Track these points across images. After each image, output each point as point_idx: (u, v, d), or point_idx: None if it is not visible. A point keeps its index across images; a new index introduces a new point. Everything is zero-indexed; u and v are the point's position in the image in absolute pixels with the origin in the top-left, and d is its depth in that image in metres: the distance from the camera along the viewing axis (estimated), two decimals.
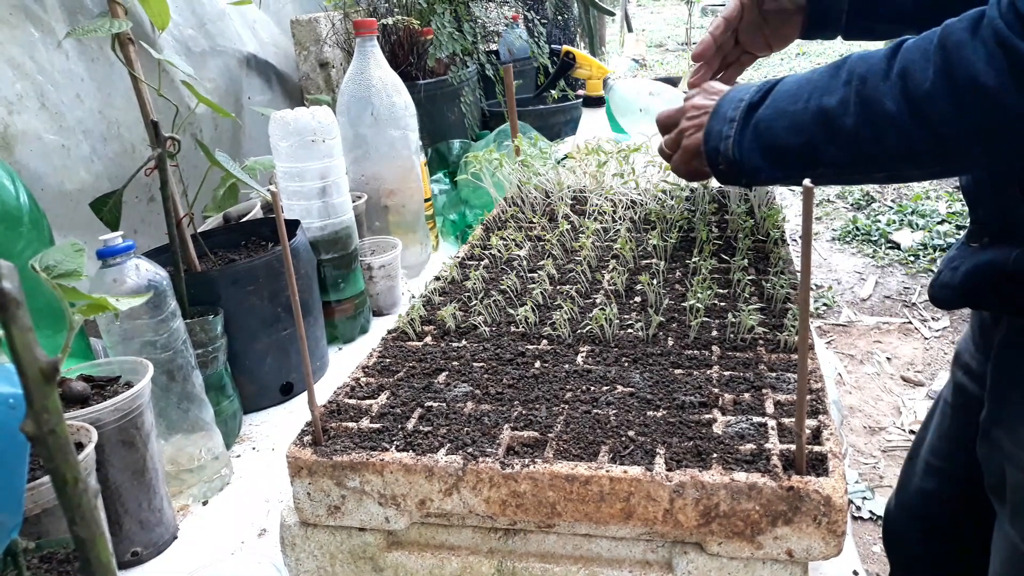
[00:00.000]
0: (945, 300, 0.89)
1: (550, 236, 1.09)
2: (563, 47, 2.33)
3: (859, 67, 0.72)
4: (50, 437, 0.26)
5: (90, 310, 0.60)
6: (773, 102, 0.79)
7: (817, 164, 0.76)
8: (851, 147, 0.72)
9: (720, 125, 0.83)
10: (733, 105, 0.83)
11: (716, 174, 0.87)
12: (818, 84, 0.75)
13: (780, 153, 0.78)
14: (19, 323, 0.24)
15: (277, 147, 1.24)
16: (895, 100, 0.68)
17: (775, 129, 0.78)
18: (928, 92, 0.65)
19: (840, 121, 0.72)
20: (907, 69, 0.67)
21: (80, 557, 0.29)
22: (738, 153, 0.81)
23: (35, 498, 0.70)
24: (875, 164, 0.72)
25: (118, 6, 0.97)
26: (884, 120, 0.69)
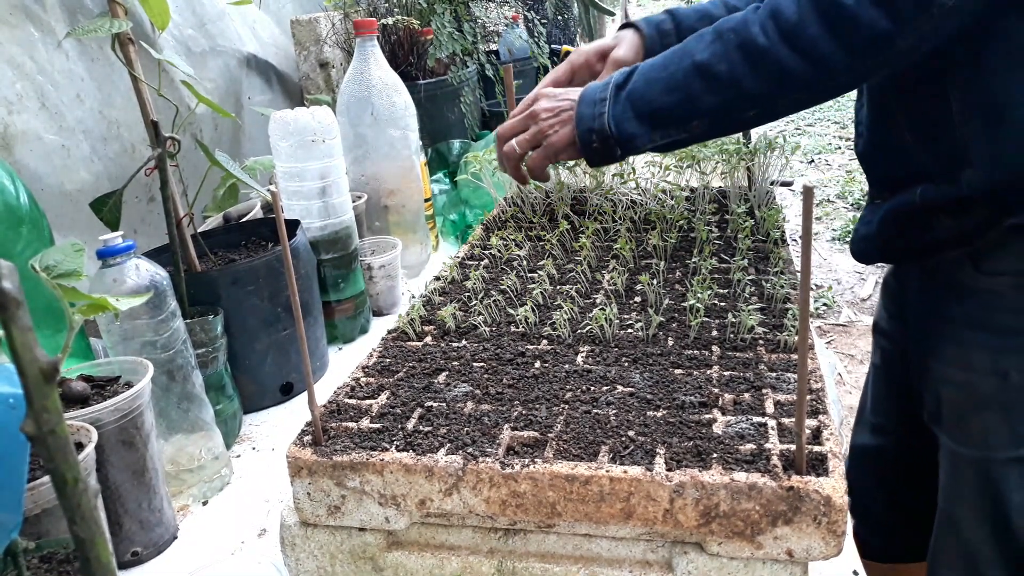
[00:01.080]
0: (866, 252, 0.99)
1: (550, 236, 1.09)
2: (563, 47, 2.33)
3: (725, 24, 0.83)
4: (50, 437, 0.26)
5: (90, 310, 0.60)
6: (641, 75, 0.89)
7: (693, 116, 0.86)
8: (728, 89, 0.82)
9: (590, 108, 0.91)
10: (599, 89, 0.91)
11: (588, 154, 0.94)
12: (684, 50, 0.86)
13: (655, 114, 0.87)
14: (19, 323, 0.24)
15: (277, 147, 1.24)
16: (767, 35, 0.79)
17: (648, 95, 0.87)
18: (797, 21, 0.77)
19: (715, 69, 0.82)
20: (775, 9, 0.79)
21: (80, 557, 0.29)
22: (613, 125, 0.89)
23: (35, 498, 0.70)
24: (751, 101, 0.83)
25: (118, 6, 0.97)
26: (759, 55, 0.80)
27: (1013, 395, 0.88)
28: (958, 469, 0.95)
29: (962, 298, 0.90)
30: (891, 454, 1.18)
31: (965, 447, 0.93)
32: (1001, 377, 0.88)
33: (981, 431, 0.90)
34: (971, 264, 0.88)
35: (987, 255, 0.87)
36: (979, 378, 0.89)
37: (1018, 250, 0.85)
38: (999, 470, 0.90)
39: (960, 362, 0.91)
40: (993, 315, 0.88)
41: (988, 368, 0.88)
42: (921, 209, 0.89)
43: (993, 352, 0.88)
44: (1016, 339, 0.87)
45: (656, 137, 0.89)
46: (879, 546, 1.21)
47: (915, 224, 0.91)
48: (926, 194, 0.88)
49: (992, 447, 0.90)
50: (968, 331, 0.90)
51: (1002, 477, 0.90)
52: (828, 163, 5.06)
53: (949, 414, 0.94)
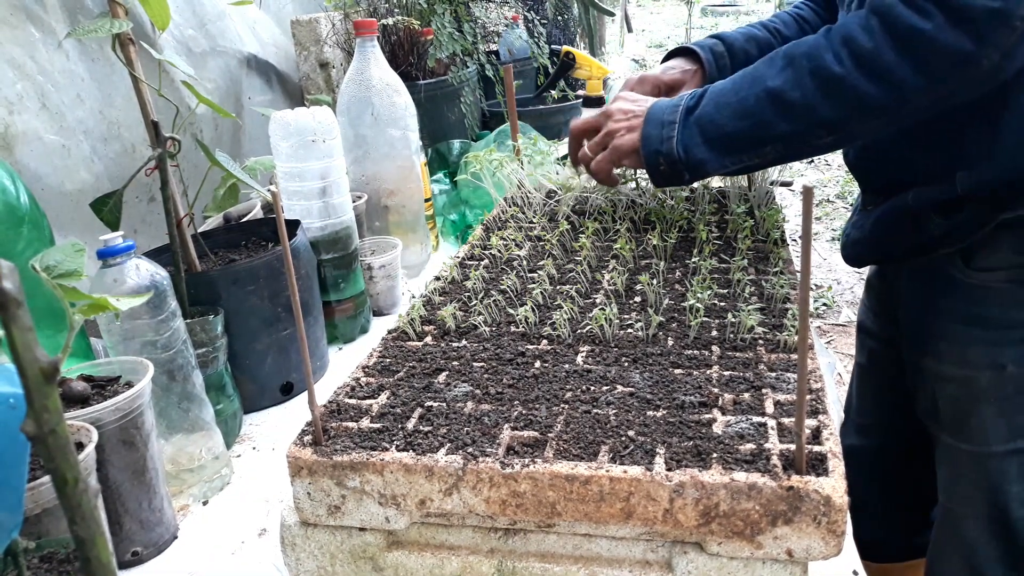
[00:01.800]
0: (858, 256, 1.00)
1: (550, 236, 1.09)
2: (563, 47, 2.33)
3: (797, 50, 0.83)
4: (50, 437, 0.26)
5: (90, 310, 0.60)
6: (711, 100, 0.88)
7: (765, 142, 0.85)
8: (802, 116, 0.82)
9: (657, 129, 0.91)
10: (668, 110, 0.91)
11: (654, 175, 0.94)
12: (756, 75, 0.85)
13: (727, 140, 0.87)
14: (19, 323, 0.24)
15: (277, 147, 1.24)
16: (842, 63, 0.78)
17: (718, 120, 0.87)
18: (872, 49, 0.76)
19: (788, 96, 0.82)
20: (848, 36, 0.78)
21: (80, 557, 0.29)
22: (681, 150, 0.89)
23: (35, 498, 0.70)
24: (826, 128, 0.82)
25: (118, 6, 0.97)
26: (834, 82, 0.79)
27: (1010, 388, 0.88)
28: (957, 465, 0.95)
29: (955, 294, 0.91)
30: (879, 453, 1.19)
31: (963, 442, 0.93)
32: (998, 370, 0.88)
33: (979, 425, 0.91)
34: (963, 261, 0.89)
35: (978, 251, 0.88)
36: (975, 373, 0.90)
37: (1009, 245, 0.86)
38: (998, 463, 0.91)
39: (955, 358, 0.92)
40: (987, 310, 0.88)
41: (984, 362, 0.89)
42: (914, 211, 0.90)
43: (989, 346, 0.89)
44: (1011, 332, 0.88)
45: (727, 163, 0.88)
46: (874, 546, 1.21)
47: (908, 226, 0.92)
48: (919, 196, 0.89)
49: (990, 440, 0.90)
50: (962, 327, 0.90)
51: (1001, 469, 0.91)
52: (828, 163, 5.06)
53: (946, 410, 0.95)
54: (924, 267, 0.95)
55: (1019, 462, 0.90)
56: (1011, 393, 0.88)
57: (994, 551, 0.93)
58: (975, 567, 0.94)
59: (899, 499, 1.19)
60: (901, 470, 1.16)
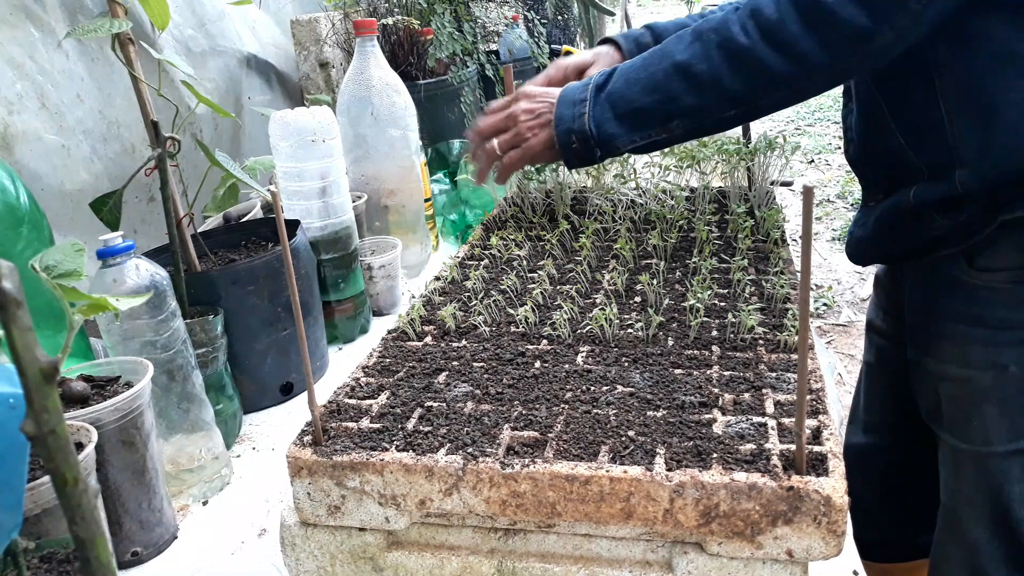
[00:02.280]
0: (860, 254, 1.00)
1: (550, 236, 1.09)
2: (563, 47, 2.33)
3: (705, 25, 0.84)
4: (50, 437, 0.26)
5: (90, 310, 0.60)
6: (620, 75, 0.89)
7: (673, 116, 0.86)
8: (708, 89, 0.83)
9: (569, 109, 0.92)
10: (579, 90, 0.92)
11: (568, 155, 0.94)
12: (664, 50, 0.86)
13: (635, 114, 0.88)
14: (19, 323, 0.24)
15: (277, 147, 1.24)
16: (748, 35, 0.79)
17: (628, 95, 0.88)
18: (777, 20, 0.78)
19: (695, 68, 0.83)
20: (755, 8, 0.79)
21: (80, 557, 0.29)
22: (593, 126, 0.89)
23: (35, 498, 0.70)
24: (731, 101, 0.83)
25: (118, 6, 0.97)
26: (740, 54, 0.80)
27: (1011, 388, 0.88)
28: (959, 465, 0.95)
29: (957, 294, 0.91)
30: (886, 452, 1.18)
31: (965, 443, 0.93)
32: (999, 371, 0.88)
33: (981, 426, 0.91)
34: (965, 261, 0.89)
35: (981, 251, 0.88)
36: (977, 373, 0.90)
37: (1012, 245, 0.86)
38: (999, 463, 0.90)
39: (957, 358, 0.92)
40: (989, 310, 0.88)
41: (986, 363, 0.89)
42: (915, 209, 0.90)
43: (990, 347, 0.89)
44: (1013, 333, 0.87)
45: (636, 137, 0.89)
46: (877, 546, 1.21)
47: (909, 224, 0.92)
48: (919, 195, 0.89)
49: (992, 441, 0.90)
50: (964, 327, 0.90)
51: (1003, 470, 0.90)
52: (828, 163, 5.06)
53: (948, 411, 0.95)
54: (927, 267, 0.95)
55: (1021, 463, 0.90)
56: (1013, 394, 0.88)
57: (997, 551, 0.93)
58: (978, 568, 0.94)
59: (904, 499, 1.18)
60: (907, 470, 1.16)
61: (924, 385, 0.98)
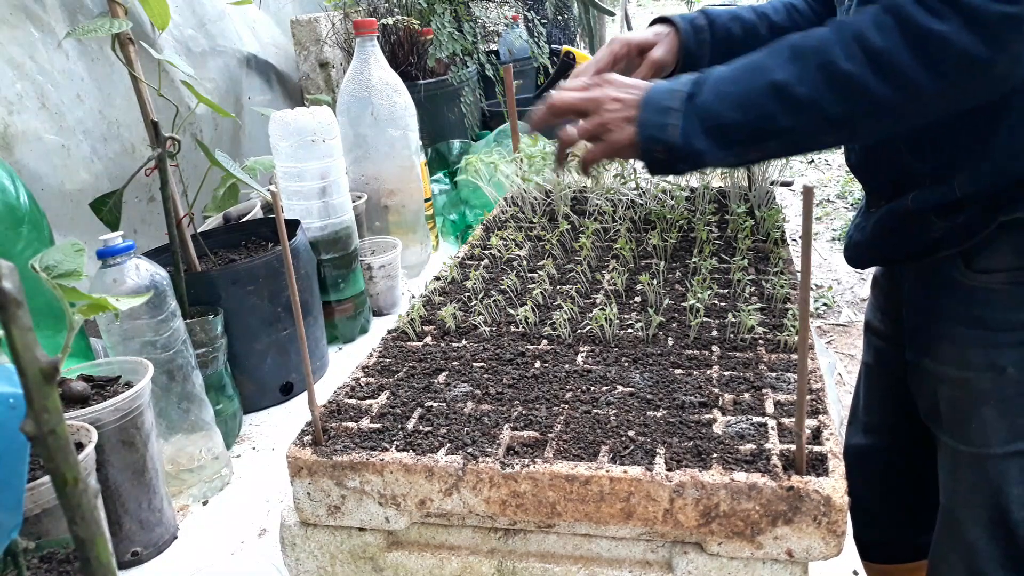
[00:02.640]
0: (859, 257, 1.00)
1: (550, 236, 1.09)
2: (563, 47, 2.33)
3: (804, 43, 0.80)
4: (50, 437, 0.26)
5: (90, 310, 0.60)
6: (711, 89, 0.84)
7: (768, 136, 0.82)
8: (807, 112, 0.79)
9: (656, 116, 0.87)
10: (667, 96, 0.87)
11: (649, 161, 0.89)
12: (759, 66, 0.82)
13: (727, 131, 0.83)
14: (19, 323, 0.24)
15: (277, 147, 1.24)
16: (853, 60, 0.76)
17: (719, 110, 0.83)
18: (885, 48, 0.74)
19: (794, 91, 0.79)
20: (860, 33, 0.76)
21: (80, 557, 0.29)
22: (681, 139, 0.85)
23: (35, 498, 0.70)
24: (832, 125, 0.80)
25: (118, 6, 0.97)
26: (844, 80, 0.76)
27: (1010, 390, 0.88)
28: (958, 466, 0.95)
29: (956, 296, 0.91)
30: (885, 453, 1.18)
31: (964, 444, 0.93)
32: (998, 373, 0.88)
33: (979, 427, 0.91)
34: (963, 262, 0.89)
35: (979, 253, 0.87)
36: (976, 375, 0.90)
37: (1009, 247, 0.86)
38: (998, 465, 0.90)
39: (956, 360, 0.92)
40: (987, 311, 0.88)
41: (984, 364, 0.89)
42: (913, 213, 0.90)
43: (989, 348, 0.88)
44: (1012, 334, 0.87)
45: (726, 155, 0.85)
46: (877, 546, 1.21)
47: (907, 227, 0.92)
48: (919, 199, 0.89)
49: (991, 443, 0.90)
50: (963, 328, 0.90)
51: (1001, 472, 0.90)
52: (828, 163, 5.06)
53: (947, 412, 0.95)
54: (926, 268, 0.95)
55: (1020, 464, 0.90)
56: (1012, 395, 0.88)
57: (994, 553, 0.93)
58: (976, 570, 0.94)
59: (904, 500, 1.18)
60: (906, 470, 1.16)
61: (923, 386, 0.98)
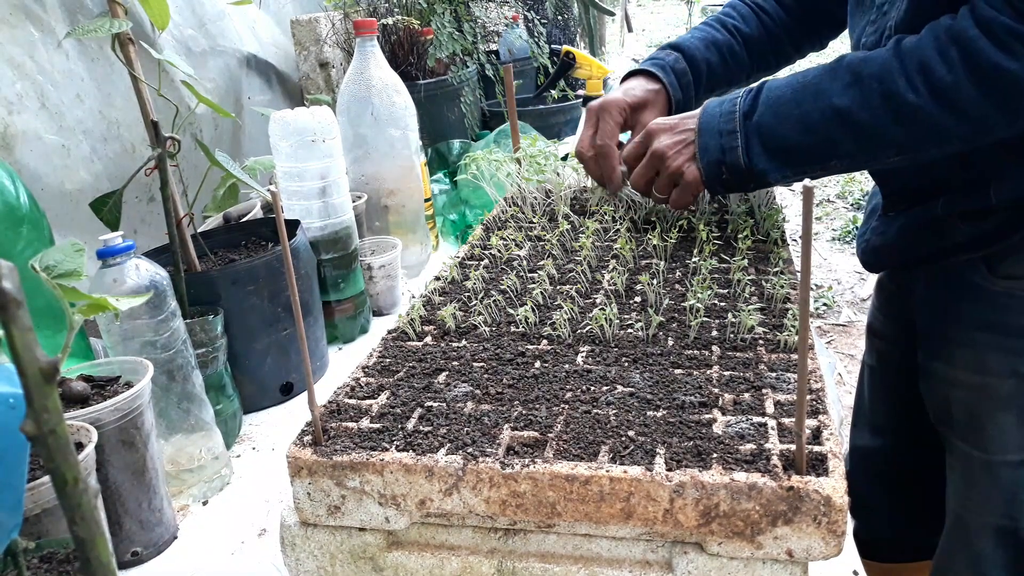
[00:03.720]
0: (879, 262, 1.00)
1: (550, 236, 1.09)
2: (563, 47, 2.33)
3: (865, 68, 0.79)
4: (50, 437, 0.26)
5: (90, 310, 0.60)
6: (769, 107, 0.86)
7: (831, 158, 0.84)
8: (870, 138, 0.80)
9: (716, 140, 0.89)
10: (724, 119, 0.89)
11: (716, 185, 0.92)
12: (819, 88, 0.82)
13: (790, 152, 0.85)
14: (19, 323, 0.24)
15: (277, 147, 1.24)
16: (917, 92, 0.76)
17: (780, 131, 0.84)
18: (952, 82, 0.74)
19: (857, 117, 0.79)
20: (925, 64, 0.75)
21: (80, 557, 0.29)
22: (746, 158, 0.87)
23: (35, 498, 0.70)
24: (894, 149, 0.81)
25: (118, 6, 0.97)
26: (908, 110, 0.77)
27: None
28: (970, 471, 0.94)
29: (975, 301, 0.90)
30: (891, 454, 1.18)
31: (978, 449, 0.92)
32: (1018, 379, 0.87)
33: (996, 434, 0.90)
34: (986, 267, 0.88)
35: (1004, 258, 0.86)
36: (995, 381, 0.89)
37: None
38: (1013, 472, 0.90)
39: (972, 365, 0.91)
40: (1010, 317, 0.87)
41: (1005, 370, 0.88)
42: (941, 218, 0.89)
43: (1009, 354, 0.88)
44: None
45: (788, 173, 0.87)
46: (880, 546, 1.21)
47: (932, 232, 0.91)
48: (949, 205, 0.88)
49: (1007, 449, 0.89)
50: (981, 333, 0.89)
51: (1016, 479, 0.90)
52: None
53: (960, 417, 0.94)
54: (942, 272, 0.94)
55: None
56: None
57: (1001, 559, 0.92)
58: (981, 573, 0.94)
59: (908, 500, 1.18)
60: (911, 471, 1.15)
61: (934, 390, 0.97)
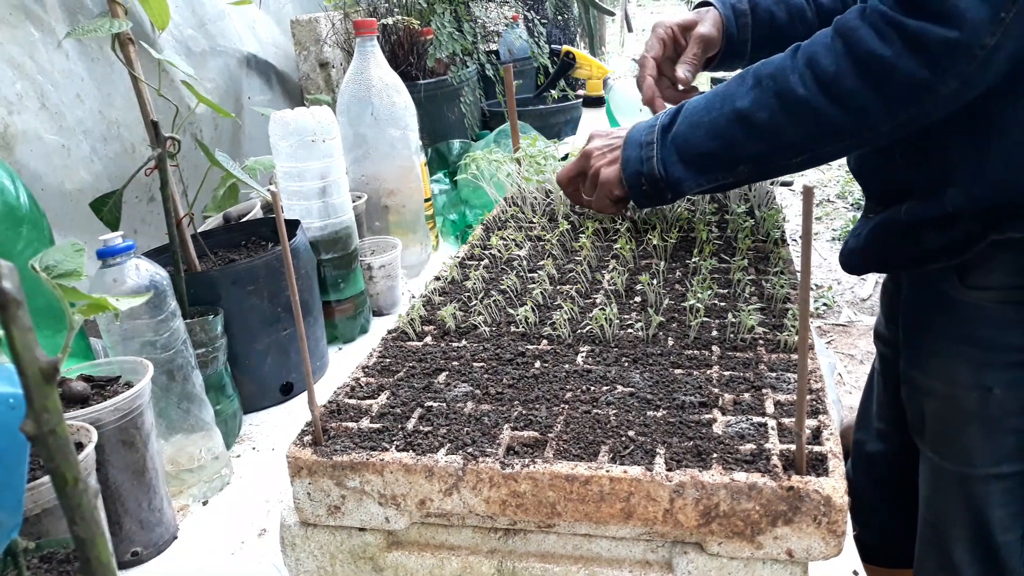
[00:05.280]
0: (854, 265, 1.00)
1: (550, 236, 1.09)
2: (563, 47, 2.33)
3: (764, 69, 0.82)
4: (50, 437, 0.26)
5: (90, 310, 0.60)
6: (685, 118, 0.88)
7: (738, 162, 0.85)
8: (769, 138, 0.82)
9: (636, 151, 0.92)
10: (645, 132, 0.92)
11: (637, 196, 0.95)
12: (726, 93, 0.85)
13: (701, 159, 0.87)
14: (19, 323, 0.24)
15: (277, 147, 1.24)
16: (806, 86, 0.77)
17: (692, 139, 0.87)
18: (835, 73, 0.76)
19: (755, 117, 0.81)
20: (812, 58, 0.77)
21: (80, 557, 0.29)
22: (662, 168, 0.89)
23: (35, 498, 0.70)
24: (793, 149, 0.82)
25: (118, 6, 0.97)
26: (798, 105, 0.78)
27: (995, 411, 0.87)
28: (940, 482, 0.95)
29: (947, 311, 0.90)
30: (893, 460, 1.18)
31: (948, 461, 0.92)
32: (984, 392, 0.87)
33: (964, 446, 0.90)
34: (957, 277, 0.88)
35: (973, 269, 0.86)
36: (962, 393, 0.89)
37: (1004, 265, 0.84)
38: (981, 486, 0.89)
39: (943, 376, 0.91)
40: (977, 329, 0.87)
41: (971, 383, 0.88)
42: (907, 224, 0.89)
43: (977, 367, 0.87)
44: (1000, 354, 0.86)
45: (703, 181, 0.88)
46: (882, 550, 1.21)
47: (902, 238, 0.91)
48: (911, 210, 0.89)
49: (974, 463, 0.89)
50: (952, 344, 0.89)
51: (984, 493, 0.89)
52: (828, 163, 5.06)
53: (932, 427, 0.94)
54: (922, 281, 0.94)
55: (1002, 487, 0.89)
56: (997, 416, 0.87)
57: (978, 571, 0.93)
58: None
59: (910, 506, 1.18)
60: (912, 477, 1.16)
61: (912, 398, 0.98)
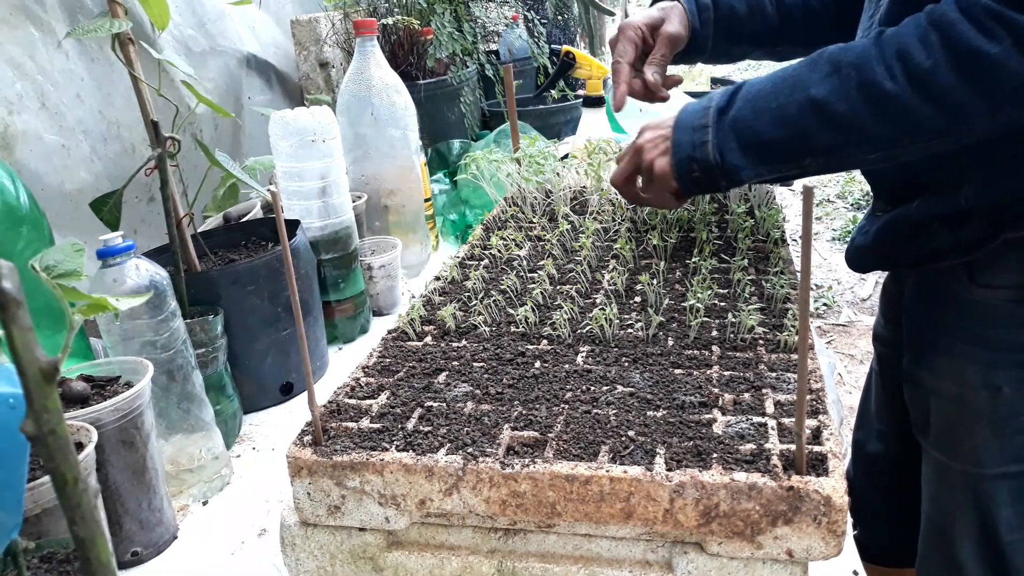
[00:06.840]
0: (861, 262, 0.98)
1: (550, 236, 1.09)
2: (563, 47, 2.33)
3: (844, 57, 0.77)
4: (50, 437, 0.26)
5: (90, 310, 0.60)
6: (747, 102, 0.82)
7: (806, 154, 0.80)
8: (848, 131, 0.77)
9: (688, 135, 0.86)
10: (698, 115, 0.86)
11: (687, 184, 0.89)
12: (797, 79, 0.80)
13: (764, 147, 0.82)
14: (19, 323, 0.24)
15: (277, 147, 1.24)
16: (895, 79, 0.73)
17: (756, 126, 0.81)
18: (930, 68, 0.71)
19: (833, 108, 0.76)
20: (903, 50, 0.73)
21: (80, 557, 0.29)
22: (717, 154, 0.83)
23: (35, 498, 0.70)
24: (872, 144, 0.77)
25: (118, 6, 0.97)
26: (885, 99, 0.74)
27: (1004, 411, 0.86)
28: (946, 481, 0.94)
29: (957, 310, 0.89)
30: (893, 461, 1.17)
31: (955, 461, 0.91)
32: (993, 392, 0.86)
33: (971, 446, 0.89)
34: (967, 276, 0.86)
35: (984, 268, 0.85)
36: (971, 392, 0.88)
37: (1015, 264, 0.83)
38: (988, 485, 0.89)
39: (952, 375, 0.90)
40: (987, 329, 0.86)
41: (980, 382, 0.87)
42: (918, 221, 0.88)
43: (986, 366, 0.86)
44: (1010, 354, 0.85)
45: (763, 171, 0.83)
46: (883, 550, 1.20)
47: (913, 235, 0.90)
48: (923, 207, 0.87)
49: (982, 462, 0.88)
50: (961, 344, 0.88)
51: (991, 492, 0.89)
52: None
53: (938, 426, 0.93)
54: (929, 279, 0.93)
55: (1010, 486, 0.88)
56: (1006, 416, 0.86)
57: (982, 572, 0.92)
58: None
59: (910, 506, 1.18)
60: (913, 478, 1.15)
61: (916, 397, 0.97)
